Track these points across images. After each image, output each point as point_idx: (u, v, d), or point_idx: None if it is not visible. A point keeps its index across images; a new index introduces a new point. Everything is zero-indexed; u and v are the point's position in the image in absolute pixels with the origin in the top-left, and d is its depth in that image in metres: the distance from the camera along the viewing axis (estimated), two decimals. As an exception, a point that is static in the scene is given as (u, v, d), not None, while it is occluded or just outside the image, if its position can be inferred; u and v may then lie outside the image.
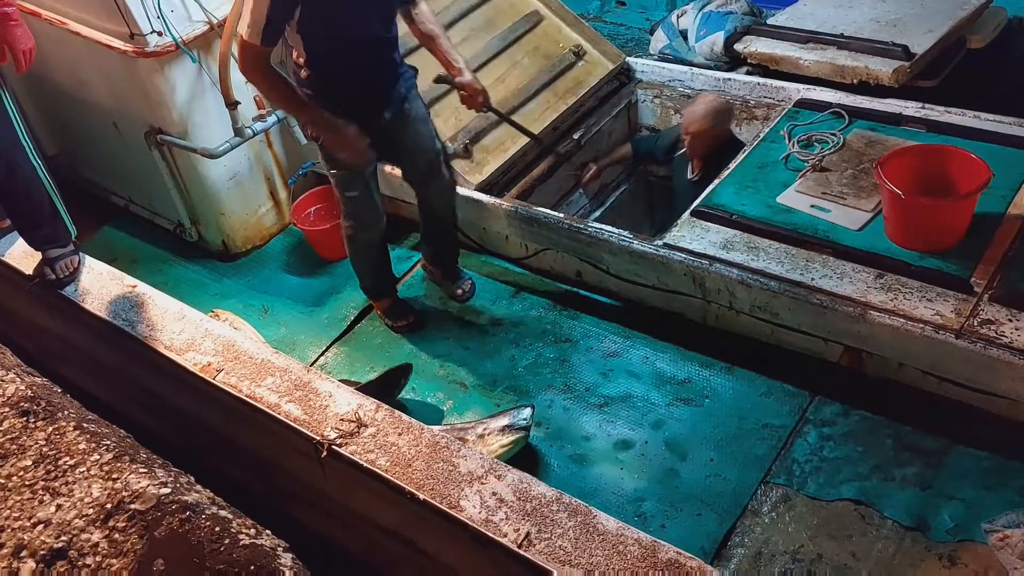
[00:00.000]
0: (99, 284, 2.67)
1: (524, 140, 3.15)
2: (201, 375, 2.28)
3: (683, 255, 2.53)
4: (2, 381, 2.29)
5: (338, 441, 2.03)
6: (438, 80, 2.72)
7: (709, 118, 2.90)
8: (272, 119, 3.14)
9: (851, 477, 2.17)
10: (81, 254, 2.75)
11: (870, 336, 2.26)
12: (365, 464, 1.96)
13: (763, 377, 2.47)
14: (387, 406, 2.13)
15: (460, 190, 2.98)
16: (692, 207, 2.70)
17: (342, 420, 2.08)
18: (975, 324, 2.15)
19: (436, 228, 2.84)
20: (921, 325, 2.17)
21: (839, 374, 2.42)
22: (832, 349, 2.41)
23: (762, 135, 2.93)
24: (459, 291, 2.89)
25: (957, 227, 2.36)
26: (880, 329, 2.23)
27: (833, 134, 2.82)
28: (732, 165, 2.83)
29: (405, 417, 2.09)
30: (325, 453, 2.03)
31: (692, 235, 2.59)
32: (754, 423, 2.36)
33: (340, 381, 2.29)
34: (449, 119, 3.14)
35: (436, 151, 2.64)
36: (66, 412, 2.20)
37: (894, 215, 2.41)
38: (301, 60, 2.33)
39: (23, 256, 2.79)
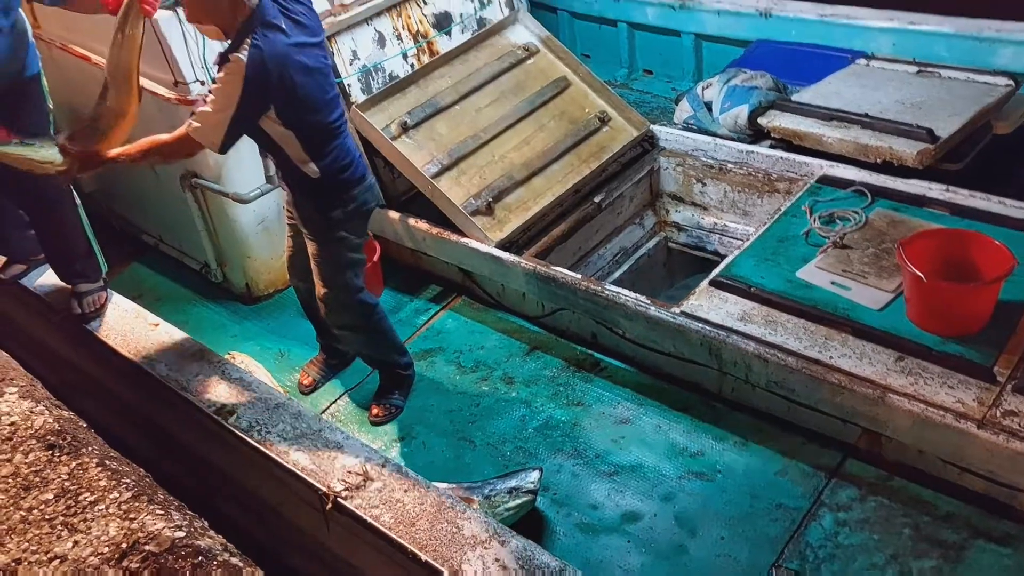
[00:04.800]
0: (123, 321, 2.72)
1: (547, 200, 3.20)
2: (215, 417, 2.29)
3: (700, 324, 2.52)
4: (32, 413, 2.31)
5: (344, 494, 2.01)
6: None
7: None
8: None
9: (866, 567, 2.10)
10: (109, 290, 2.82)
11: (889, 420, 2.22)
12: (369, 520, 1.95)
13: (779, 454, 2.43)
14: (393, 461, 2.12)
15: (479, 246, 3.03)
16: (711, 276, 2.71)
17: (349, 472, 2.07)
18: (997, 415, 2.10)
19: None
20: (942, 412, 2.13)
21: (857, 457, 2.37)
22: (850, 430, 2.36)
23: (783, 209, 2.95)
24: (373, 410, 2.77)
25: (980, 313, 2.34)
26: (899, 414, 2.18)
27: (855, 212, 2.83)
28: (752, 238, 2.85)
29: (412, 473, 2.08)
30: (331, 505, 2.01)
31: (710, 305, 2.59)
32: (767, 502, 2.30)
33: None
34: (474, 177, 3.21)
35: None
36: (90, 448, 2.21)
37: (916, 297, 2.39)
38: (305, 156, 2.28)
39: (53, 289, 2.86)
